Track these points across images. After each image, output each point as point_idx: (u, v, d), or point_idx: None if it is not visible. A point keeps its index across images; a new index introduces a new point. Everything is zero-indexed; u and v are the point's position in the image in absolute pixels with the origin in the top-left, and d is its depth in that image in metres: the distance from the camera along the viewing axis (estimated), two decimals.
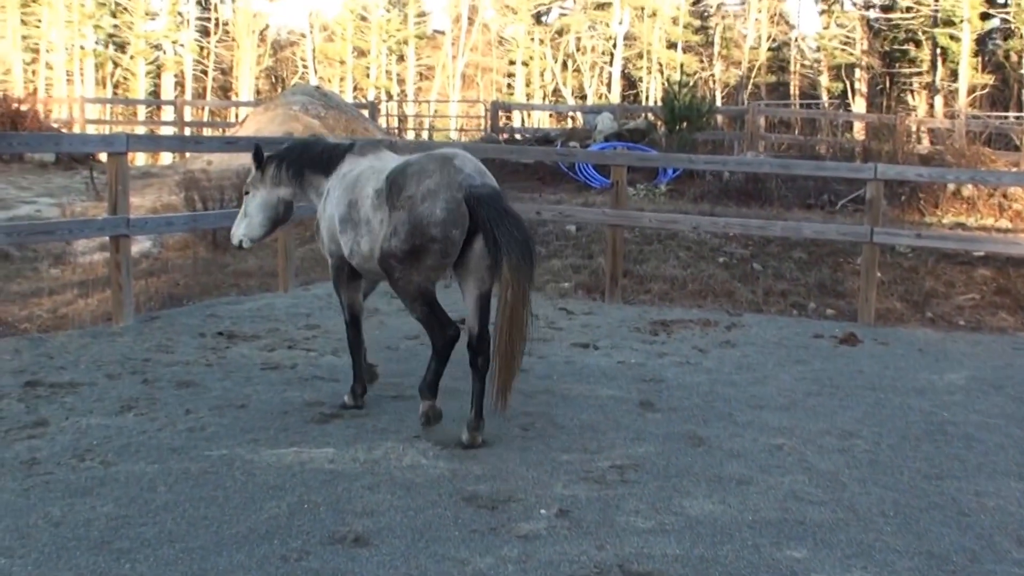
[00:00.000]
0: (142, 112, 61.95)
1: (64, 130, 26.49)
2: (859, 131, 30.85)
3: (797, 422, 7.65)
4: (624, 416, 7.62)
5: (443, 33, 73.18)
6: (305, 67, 72.21)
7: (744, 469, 6.51)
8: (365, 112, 26.63)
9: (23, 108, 23.72)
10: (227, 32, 70.76)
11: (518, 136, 24.45)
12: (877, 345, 10.64)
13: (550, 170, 20.33)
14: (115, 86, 68.56)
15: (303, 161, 7.94)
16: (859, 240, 12.14)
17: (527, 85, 70.11)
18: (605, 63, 69.31)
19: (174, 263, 14.42)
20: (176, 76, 68.56)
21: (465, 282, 6.96)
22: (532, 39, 70.33)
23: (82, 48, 67.39)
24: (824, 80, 61.99)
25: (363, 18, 72.78)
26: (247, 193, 8.25)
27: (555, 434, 7.11)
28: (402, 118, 45.56)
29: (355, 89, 70.58)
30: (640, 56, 68.29)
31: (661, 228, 14.21)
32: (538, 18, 71.79)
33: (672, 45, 68.44)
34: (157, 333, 9.75)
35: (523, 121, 38.64)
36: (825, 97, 58.94)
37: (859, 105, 56.66)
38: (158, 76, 69.44)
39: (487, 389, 6.78)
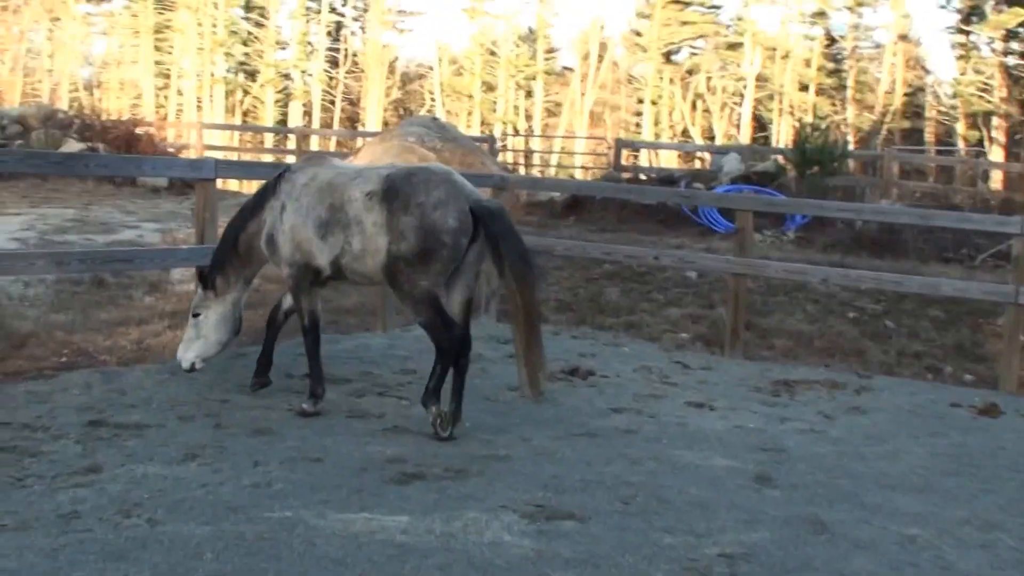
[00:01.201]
0: (269, 140, 62.50)
1: (177, 155, 26.38)
2: (997, 181, 29.56)
3: (932, 508, 6.79)
4: (738, 492, 6.84)
5: (572, 70, 72.91)
6: (433, 100, 72.23)
7: (872, 565, 5.70)
8: (484, 146, 26.30)
9: (138, 131, 23.79)
10: (356, 63, 71.29)
11: (641, 176, 23.85)
12: (1020, 418, 9.69)
13: (672, 212, 19.64)
14: (244, 114, 69.67)
15: (242, 233, 8.26)
16: (1003, 300, 11.17)
17: (655, 124, 69.21)
18: (735, 103, 68.27)
19: (272, 296, 13.88)
20: (304, 105, 69.36)
21: (453, 287, 7.50)
22: (661, 78, 69.56)
23: (212, 75, 68.44)
24: (960, 127, 59.94)
25: (492, 52, 72.64)
26: (196, 315, 8.37)
27: (659, 511, 6.36)
28: (528, 153, 45.18)
29: (482, 124, 70.41)
30: (771, 97, 67.01)
31: (788, 279, 13.35)
32: (668, 57, 70.91)
33: (804, 87, 66.96)
34: (241, 372, 9.16)
35: (649, 160, 37.91)
36: (961, 145, 57.06)
37: (996, 154, 54.60)
38: (286, 105, 70.21)
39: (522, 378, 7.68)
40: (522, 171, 33.26)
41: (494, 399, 9.05)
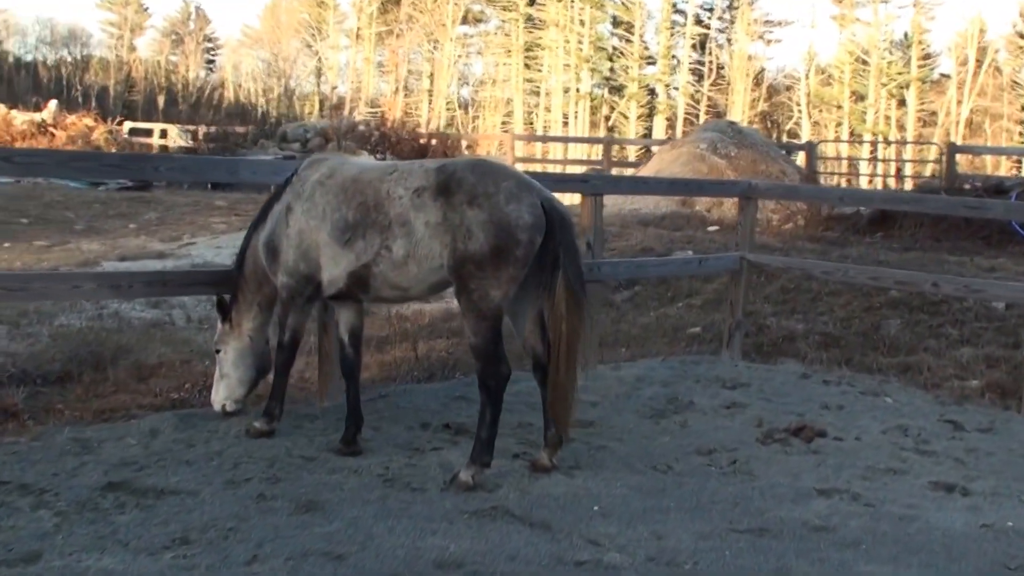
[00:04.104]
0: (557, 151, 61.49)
1: None
2: None
3: None
4: None
5: (948, 77, 68.67)
6: (799, 111, 69.51)
7: None
8: (797, 155, 24.15)
9: (432, 143, 23.08)
10: (721, 75, 69.93)
11: (966, 185, 20.86)
12: None
13: (1000, 229, 16.59)
14: (609, 129, 69.51)
15: (247, 251, 7.38)
16: None
17: None
18: None
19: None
20: (667, 119, 68.73)
21: (520, 301, 6.60)
22: None
23: (577, 91, 68.97)
24: None
25: (862, 61, 69.11)
26: (217, 352, 7.48)
27: None
28: (853, 162, 41.81)
29: (850, 134, 67.12)
30: None
31: None
32: None
33: None
34: (365, 418, 7.55)
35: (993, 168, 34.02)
36: None
37: None
38: (651, 119, 69.75)
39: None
40: (834, 181, 30.51)
41: (666, 469, 7.02)
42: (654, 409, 8.52)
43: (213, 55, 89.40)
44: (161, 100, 67.28)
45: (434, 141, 23.69)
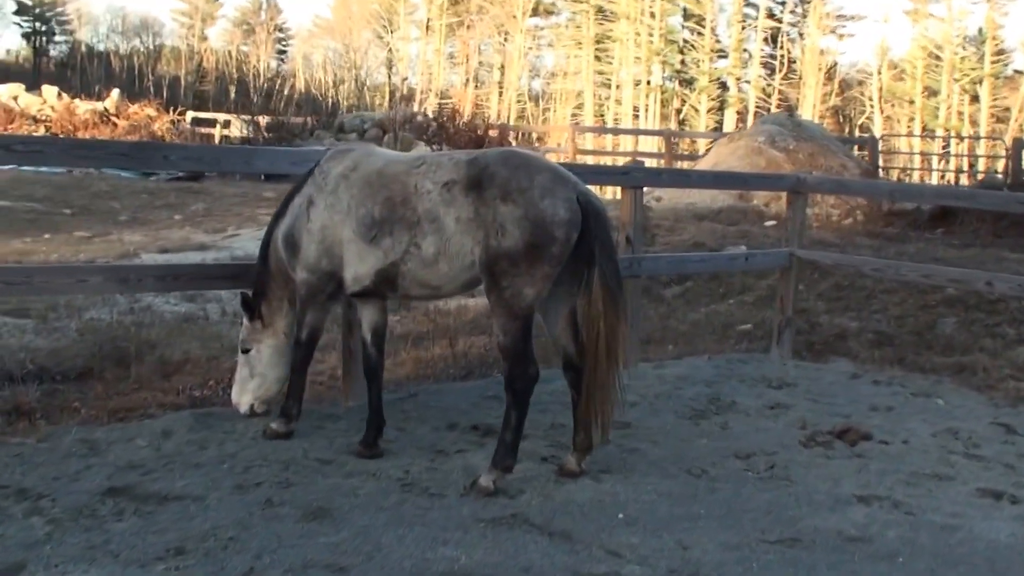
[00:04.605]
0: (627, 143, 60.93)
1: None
2: None
3: None
4: None
5: (1022, 73, 67.02)
6: (871, 106, 68.52)
7: None
8: (857, 149, 23.67)
9: (490, 134, 22.88)
10: (793, 69, 69.19)
11: None
12: None
13: None
14: (680, 122, 69.16)
15: (270, 247, 7.08)
16: None
17: None
18: None
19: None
20: (738, 113, 68.23)
21: (554, 296, 6.33)
22: None
23: (648, 83, 68.56)
24: None
25: (935, 56, 67.99)
26: (246, 352, 7.17)
27: None
28: (925, 157, 40.97)
29: (923, 129, 66.00)
30: None
31: None
32: None
33: None
34: (391, 420, 7.31)
35: None
36: None
37: None
38: (721, 112, 69.24)
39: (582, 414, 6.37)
40: (895, 176, 29.98)
41: (700, 473, 6.79)
42: (694, 410, 8.29)
43: (284, 46, 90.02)
44: (232, 91, 67.73)
45: (492, 132, 23.46)
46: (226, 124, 34.82)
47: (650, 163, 29.44)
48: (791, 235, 10.49)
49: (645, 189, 18.31)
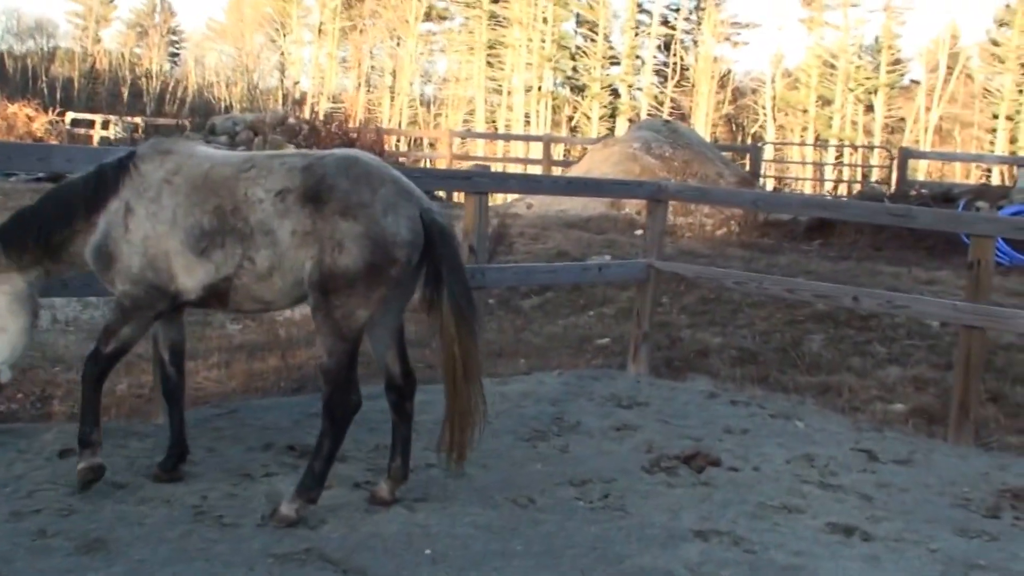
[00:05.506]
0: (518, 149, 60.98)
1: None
2: None
3: None
4: None
5: (918, 83, 68.57)
6: (764, 114, 69.23)
7: None
8: (728, 156, 23.51)
9: (367, 137, 22.37)
10: (686, 77, 69.65)
11: (912, 192, 20.16)
12: None
13: (946, 239, 15.69)
14: (572, 129, 69.33)
15: (63, 211, 5.99)
16: None
17: (1011, 142, 63.64)
18: None
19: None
20: (630, 120, 68.51)
21: (384, 314, 5.94)
22: (1021, 91, 64.18)
23: (539, 89, 68.76)
24: None
25: (830, 65, 68.95)
26: None
27: None
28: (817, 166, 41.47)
29: (816, 139, 67.10)
30: None
31: None
32: None
33: None
34: (203, 438, 6.75)
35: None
36: None
37: None
38: (613, 119, 69.55)
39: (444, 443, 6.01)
40: (772, 185, 30.15)
41: (512, 502, 6.18)
42: (535, 431, 7.67)
43: (177, 48, 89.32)
44: (125, 93, 66.77)
45: (369, 136, 22.91)
46: (105, 125, 34.42)
47: (534, 169, 28.91)
48: (649, 245, 9.88)
49: (519, 197, 17.53)
